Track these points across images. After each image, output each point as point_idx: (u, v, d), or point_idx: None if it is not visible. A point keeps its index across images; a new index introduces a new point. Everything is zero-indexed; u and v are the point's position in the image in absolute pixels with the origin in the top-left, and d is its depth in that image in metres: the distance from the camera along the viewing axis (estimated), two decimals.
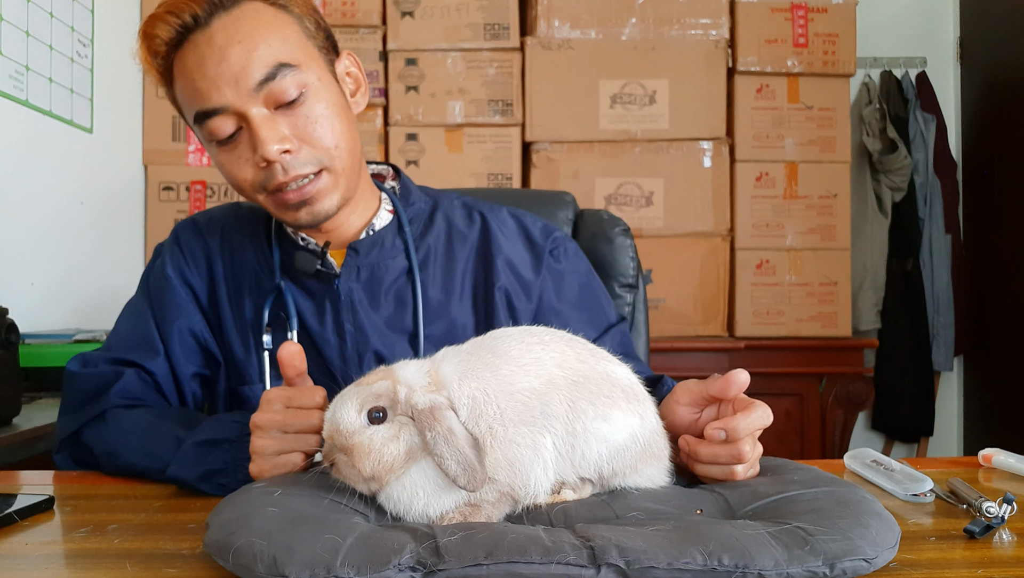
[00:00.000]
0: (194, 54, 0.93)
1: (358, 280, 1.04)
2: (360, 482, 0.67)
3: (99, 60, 2.42)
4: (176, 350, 1.05)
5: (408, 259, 1.05)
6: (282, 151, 0.93)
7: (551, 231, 1.15)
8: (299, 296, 1.04)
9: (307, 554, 0.55)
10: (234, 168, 0.97)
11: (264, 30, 0.93)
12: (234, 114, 0.93)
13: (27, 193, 2.06)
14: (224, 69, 0.91)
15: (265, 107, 0.93)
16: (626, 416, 0.73)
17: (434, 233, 1.10)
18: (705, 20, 2.71)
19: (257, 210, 1.12)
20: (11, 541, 0.70)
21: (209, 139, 0.96)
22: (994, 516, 0.70)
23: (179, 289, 1.07)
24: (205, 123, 0.94)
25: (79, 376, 1.02)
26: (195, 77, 0.93)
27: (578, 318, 1.10)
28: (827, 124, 2.76)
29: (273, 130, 0.92)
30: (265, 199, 0.99)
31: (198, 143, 2.70)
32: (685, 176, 2.71)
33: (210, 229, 1.11)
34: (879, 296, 3.14)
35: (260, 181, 0.96)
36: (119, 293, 2.54)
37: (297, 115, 0.94)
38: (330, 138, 0.96)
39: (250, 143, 0.94)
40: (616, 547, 0.56)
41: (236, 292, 1.07)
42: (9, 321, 1.35)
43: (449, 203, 1.14)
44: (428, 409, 0.65)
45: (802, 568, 0.56)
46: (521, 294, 1.09)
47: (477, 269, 1.09)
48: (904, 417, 3.22)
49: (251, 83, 0.91)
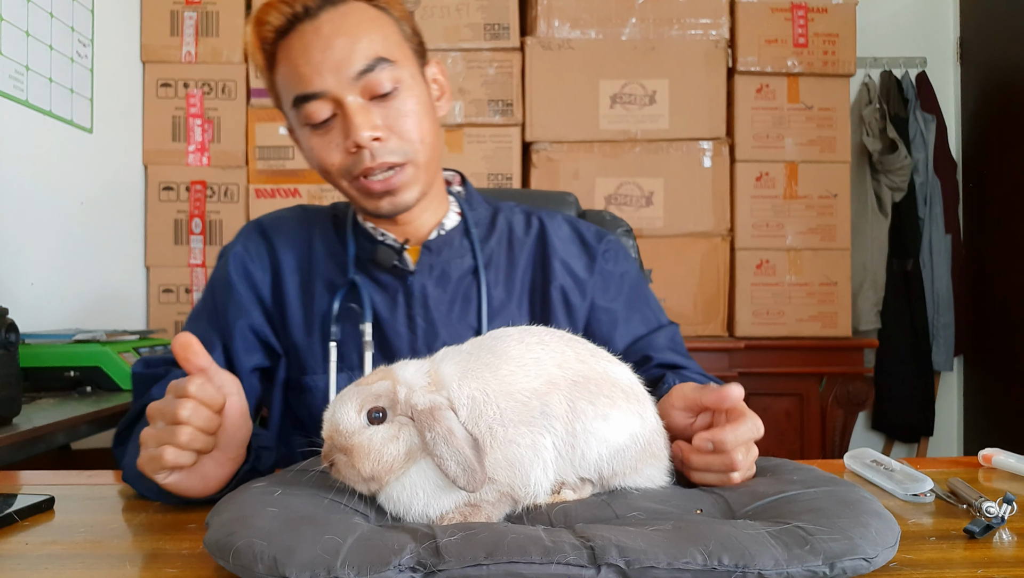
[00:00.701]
0: (300, 41, 1.00)
1: (430, 276, 1.10)
2: (360, 482, 0.67)
3: (99, 60, 2.42)
4: (238, 347, 1.09)
5: (474, 259, 1.11)
6: (373, 138, 0.99)
7: (603, 234, 1.20)
8: (372, 289, 1.09)
9: (307, 555, 0.55)
10: (324, 152, 1.02)
11: (368, 26, 1.01)
12: (331, 100, 0.99)
13: (27, 193, 2.07)
14: (328, 57, 0.98)
15: (361, 96, 0.99)
16: (626, 416, 0.73)
17: (495, 237, 1.16)
18: (705, 20, 2.71)
19: (323, 210, 1.18)
20: (11, 541, 0.70)
21: (304, 123, 1.02)
22: (994, 516, 0.70)
23: (241, 289, 1.11)
24: (303, 107, 1.00)
25: (138, 376, 1.08)
26: (299, 63, 0.99)
27: (628, 317, 1.15)
28: (827, 124, 2.76)
29: (366, 117, 0.99)
30: (349, 185, 1.04)
31: (198, 143, 2.71)
32: (685, 176, 2.71)
33: (276, 228, 1.16)
34: (879, 296, 3.14)
35: (348, 166, 1.02)
36: (119, 293, 2.56)
37: (389, 107, 1.01)
38: (416, 132, 1.02)
39: (343, 129, 1.00)
40: (616, 547, 0.56)
41: (305, 285, 1.12)
42: (9, 321, 1.35)
43: (509, 210, 1.20)
44: (428, 409, 0.65)
45: (802, 567, 0.56)
46: (576, 292, 1.14)
47: (535, 270, 1.15)
48: (904, 417, 3.22)
49: (351, 72, 0.98)
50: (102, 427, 1.58)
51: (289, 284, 1.12)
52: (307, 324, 1.10)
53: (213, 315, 1.11)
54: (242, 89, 2.72)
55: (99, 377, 1.78)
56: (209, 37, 2.72)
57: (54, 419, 1.41)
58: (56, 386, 1.77)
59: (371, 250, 1.09)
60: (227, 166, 2.73)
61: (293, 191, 2.71)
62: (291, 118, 1.05)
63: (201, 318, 1.13)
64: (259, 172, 2.71)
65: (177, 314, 2.69)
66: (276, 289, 1.12)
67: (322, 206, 1.20)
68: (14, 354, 1.36)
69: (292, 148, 2.72)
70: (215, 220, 2.72)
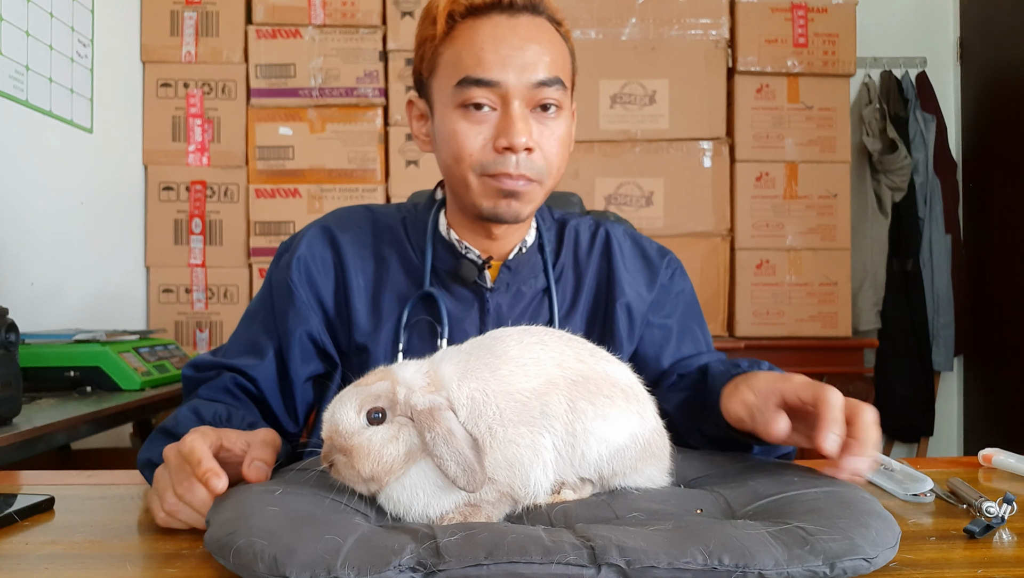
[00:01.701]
0: (493, 30, 1.00)
1: (506, 294, 1.09)
2: (359, 483, 0.67)
3: (99, 60, 2.42)
4: (295, 356, 1.07)
5: (547, 278, 1.11)
6: (526, 146, 0.99)
7: (665, 252, 1.20)
8: (447, 301, 1.08)
9: (308, 555, 0.55)
10: (469, 138, 1.01)
11: (556, 46, 1.03)
12: (501, 95, 0.99)
13: (27, 193, 2.07)
14: (518, 55, 0.99)
15: (527, 104, 1.00)
16: (626, 416, 0.73)
17: (564, 252, 1.15)
18: (705, 20, 2.71)
19: (390, 215, 1.16)
20: (11, 541, 0.70)
21: (461, 102, 1.01)
22: (994, 516, 0.70)
23: (302, 294, 1.09)
24: (471, 88, 0.99)
25: (188, 379, 1.07)
26: (485, 48, 0.99)
27: (680, 337, 1.14)
28: (827, 124, 2.76)
29: (527, 125, 1.00)
30: (476, 179, 1.02)
31: (198, 143, 2.71)
32: (685, 176, 2.71)
33: (343, 230, 1.13)
34: (879, 296, 3.14)
35: (487, 162, 1.01)
36: (119, 293, 2.56)
37: (545, 125, 1.02)
38: (556, 157, 1.03)
39: (498, 125, 1.00)
40: (616, 547, 0.56)
41: (374, 292, 1.10)
42: (9, 321, 1.36)
43: (576, 221, 1.20)
44: (427, 410, 0.65)
45: (802, 568, 0.56)
46: (638, 309, 1.13)
47: (600, 285, 1.14)
48: (904, 417, 3.21)
49: (533, 79, 0.99)
50: (102, 427, 1.58)
51: (356, 291, 1.09)
52: (375, 332, 1.08)
53: (270, 319, 1.09)
54: (242, 89, 2.72)
55: (99, 377, 1.78)
56: (209, 37, 2.72)
57: (54, 419, 1.41)
58: (56, 386, 1.77)
59: (452, 263, 1.08)
60: (227, 166, 2.73)
61: (293, 191, 2.71)
62: (440, 94, 1.03)
63: (256, 320, 1.10)
64: (259, 172, 2.71)
65: (177, 314, 2.69)
66: (341, 295, 1.09)
67: (389, 208, 1.17)
68: (14, 354, 1.37)
69: (292, 148, 2.72)
70: (215, 220, 2.72)
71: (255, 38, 2.72)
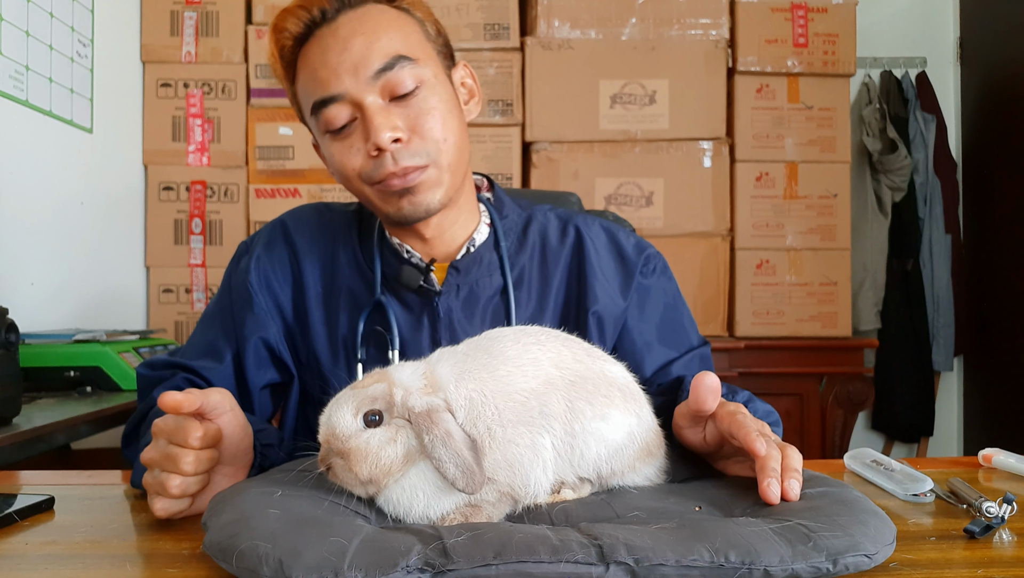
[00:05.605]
0: (319, 46, 0.98)
1: (457, 298, 1.05)
2: (357, 486, 0.66)
3: (99, 60, 2.42)
4: (250, 364, 1.05)
5: (503, 277, 1.06)
6: (393, 139, 0.96)
7: (644, 248, 1.14)
8: (397, 309, 1.05)
9: (314, 557, 0.55)
10: (345, 158, 0.99)
11: (387, 26, 0.98)
12: (350, 103, 0.96)
13: (27, 193, 2.06)
14: (345, 58, 0.95)
15: (380, 97, 0.96)
16: (624, 415, 0.73)
17: (528, 250, 1.09)
18: (705, 20, 2.71)
19: (346, 216, 1.13)
20: (11, 541, 0.70)
21: (324, 129, 0.99)
22: (994, 516, 0.70)
23: (261, 301, 1.07)
24: (322, 112, 0.98)
25: (143, 378, 1.06)
26: (317, 67, 0.97)
27: (660, 341, 1.09)
28: (827, 124, 2.76)
29: (387, 119, 0.95)
30: (371, 191, 1.00)
31: (198, 143, 2.71)
32: (685, 176, 2.71)
33: (299, 232, 1.11)
34: (879, 296, 3.14)
35: (369, 171, 0.98)
36: (119, 293, 2.56)
37: (410, 107, 0.97)
38: (440, 131, 0.98)
39: (363, 132, 0.97)
40: (624, 545, 0.56)
41: (328, 301, 1.07)
42: (9, 321, 1.35)
43: (543, 216, 1.13)
44: (425, 412, 0.65)
45: (806, 564, 0.56)
46: (612, 314, 1.07)
47: (570, 289, 1.09)
48: (904, 417, 3.22)
49: (369, 71, 0.95)
50: (102, 427, 1.58)
51: (312, 298, 1.07)
52: (331, 341, 1.06)
53: (229, 322, 1.07)
54: (242, 89, 2.72)
55: (99, 377, 1.78)
56: (209, 37, 2.72)
57: (54, 419, 1.41)
58: (56, 386, 1.77)
59: (397, 269, 1.05)
60: (227, 166, 2.72)
61: (293, 191, 2.71)
62: (313, 128, 1.02)
63: (215, 322, 1.09)
64: (259, 172, 2.71)
65: (177, 314, 2.69)
66: (298, 303, 1.08)
67: (345, 207, 1.14)
68: (14, 354, 1.36)
69: (292, 148, 2.72)
70: (215, 220, 2.72)
71: (255, 38, 2.72)
